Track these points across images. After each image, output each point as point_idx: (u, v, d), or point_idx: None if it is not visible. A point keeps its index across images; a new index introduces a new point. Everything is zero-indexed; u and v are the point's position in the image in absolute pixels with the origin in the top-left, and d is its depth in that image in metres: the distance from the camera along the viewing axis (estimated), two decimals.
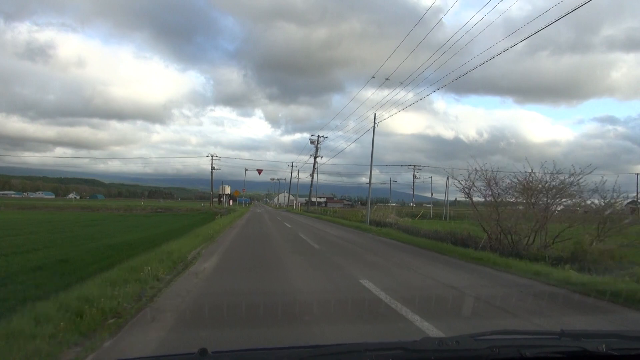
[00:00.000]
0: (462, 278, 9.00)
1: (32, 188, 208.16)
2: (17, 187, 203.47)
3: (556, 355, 2.07)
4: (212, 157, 75.56)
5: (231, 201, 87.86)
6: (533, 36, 14.30)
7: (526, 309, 6.26)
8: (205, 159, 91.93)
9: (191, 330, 5.06)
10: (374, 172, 32.57)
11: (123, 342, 4.50)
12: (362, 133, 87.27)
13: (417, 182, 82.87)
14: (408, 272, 9.85)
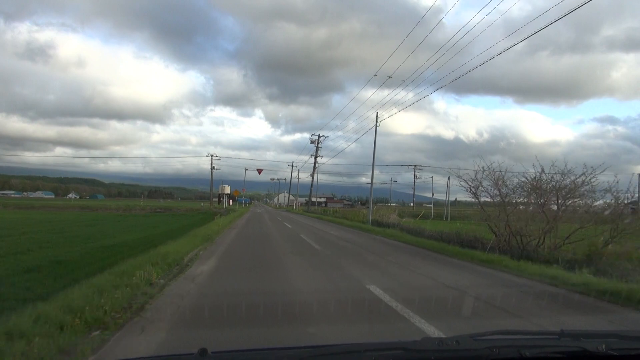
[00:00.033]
0: (476, 283, 8.52)
1: (32, 188, 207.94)
2: (17, 187, 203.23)
3: (556, 355, 2.06)
4: (212, 157, 75.18)
5: (231, 201, 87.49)
6: (533, 36, 14.27)
7: (555, 321, 5.74)
8: (205, 159, 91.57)
9: (184, 343, 4.59)
10: (375, 173, 32.12)
11: (106, 359, 4.07)
12: (363, 133, 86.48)
13: (418, 182, 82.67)
14: (417, 276, 9.35)
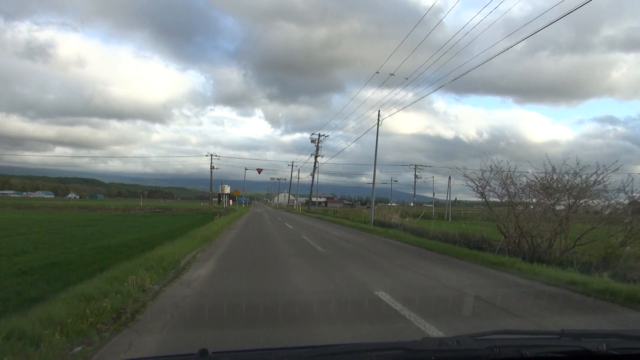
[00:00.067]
0: (489, 289, 8.01)
1: (32, 188, 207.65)
2: (17, 187, 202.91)
3: (556, 355, 2.04)
4: (212, 157, 74.68)
5: (231, 201, 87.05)
6: (533, 36, 14.17)
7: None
8: (205, 159, 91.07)
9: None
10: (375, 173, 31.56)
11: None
12: (363, 133, 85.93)
13: (418, 182, 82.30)
14: (428, 280, 8.83)
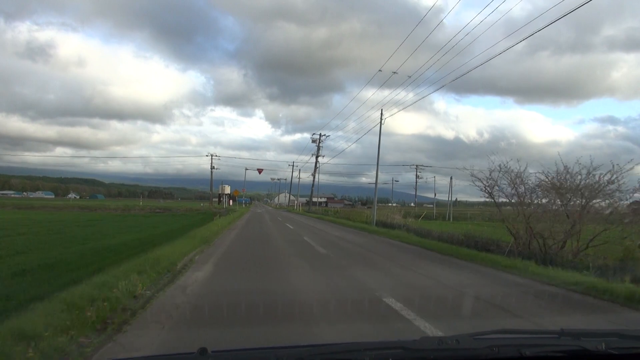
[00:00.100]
0: (506, 294, 7.53)
1: (32, 188, 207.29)
2: (17, 187, 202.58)
3: (556, 354, 2.02)
4: (212, 157, 74.20)
5: (231, 201, 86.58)
6: (533, 36, 14.08)
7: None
8: (205, 159, 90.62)
9: None
10: (375, 173, 31.09)
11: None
12: (364, 133, 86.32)
13: (419, 182, 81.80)
14: (438, 285, 8.33)
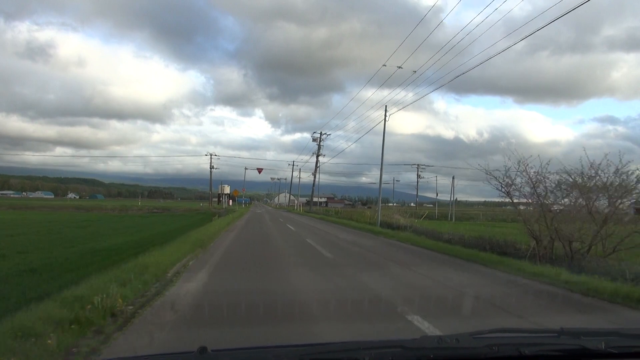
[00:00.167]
0: (543, 307, 6.57)
1: (32, 188, 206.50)
2: (17, 187, 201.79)
3: (555, 353, 2.00)
4: (211, 156, 73.22)
5: (230, 201, 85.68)
6: (533, 36, 13.97)
7: None
8: (204, 159, 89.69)
9: None
10: (375, 173, 30.32)
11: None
12: (364, 133, 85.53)
13: (420, 182, 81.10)
14: (466, 298, 7.37)
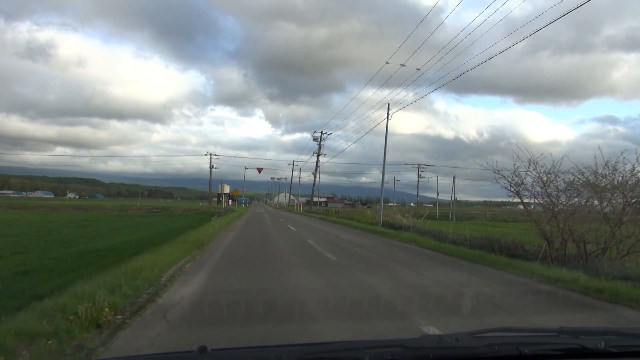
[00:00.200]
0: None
1: (31, 187, 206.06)
2: (16, 187, 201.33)
3: (555, 352, 2.00)
4: (211, 156, 72.78)
5: (230, 201, 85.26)
6: (533, 36, 13.94)
7: None
8: (204, 159, 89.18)
9: None
10: (375, 173, 29.93)
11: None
12: (364, 133, 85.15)
13: (420, 182, 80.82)
14: (486, 307, 6.91)
